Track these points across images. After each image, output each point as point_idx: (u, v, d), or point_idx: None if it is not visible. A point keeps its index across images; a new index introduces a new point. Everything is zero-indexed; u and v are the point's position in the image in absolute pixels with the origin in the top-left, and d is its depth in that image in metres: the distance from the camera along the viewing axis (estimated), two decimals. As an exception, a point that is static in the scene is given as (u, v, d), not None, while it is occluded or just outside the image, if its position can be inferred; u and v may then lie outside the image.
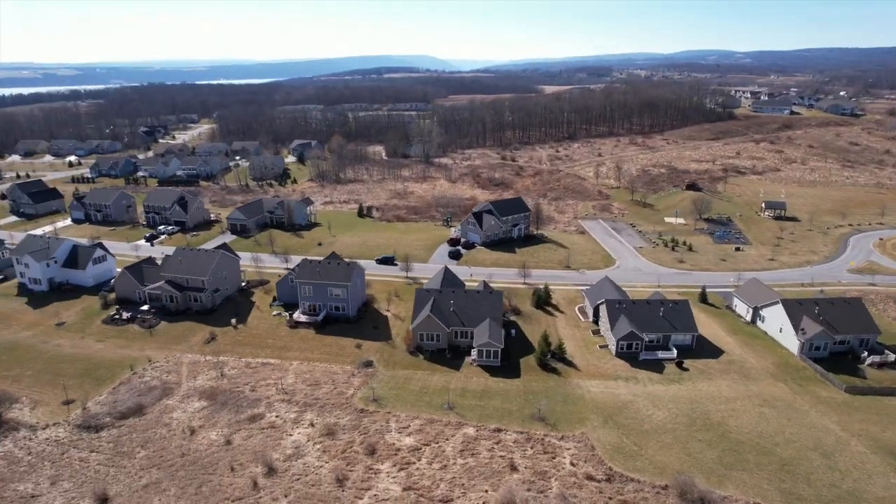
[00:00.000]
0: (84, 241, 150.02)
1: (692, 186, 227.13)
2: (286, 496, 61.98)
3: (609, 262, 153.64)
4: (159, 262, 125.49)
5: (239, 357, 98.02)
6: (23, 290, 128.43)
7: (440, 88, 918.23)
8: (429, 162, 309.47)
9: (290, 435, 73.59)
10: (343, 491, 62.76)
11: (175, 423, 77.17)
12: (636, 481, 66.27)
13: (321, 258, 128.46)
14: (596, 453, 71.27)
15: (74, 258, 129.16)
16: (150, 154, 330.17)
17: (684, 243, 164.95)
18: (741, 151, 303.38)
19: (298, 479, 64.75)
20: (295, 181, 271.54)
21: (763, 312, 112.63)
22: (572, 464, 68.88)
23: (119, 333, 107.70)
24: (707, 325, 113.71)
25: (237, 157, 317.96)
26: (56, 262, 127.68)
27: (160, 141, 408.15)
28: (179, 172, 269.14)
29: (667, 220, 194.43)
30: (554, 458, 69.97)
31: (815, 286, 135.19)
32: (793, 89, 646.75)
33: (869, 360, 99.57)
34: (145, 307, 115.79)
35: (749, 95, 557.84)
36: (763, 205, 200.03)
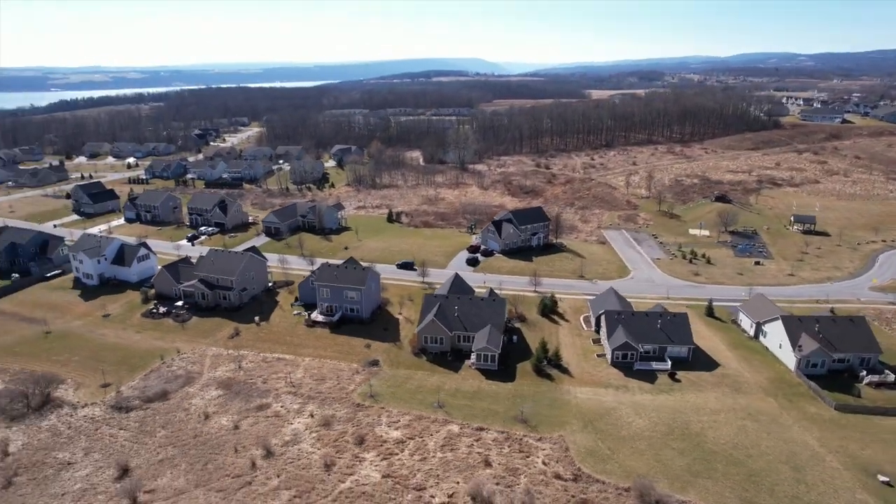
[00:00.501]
0: (132, 240, 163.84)
1: (721, 198, 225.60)
2: (278, 476, 69.85)
3: (624, 272, 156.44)
4: (195, 261, 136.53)
5: (258, 352, 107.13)
6: (77, 283, 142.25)
7: (486, 93, 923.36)
8: (464, 168, 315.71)
9: (291, 423, 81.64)
10: (329, 475, 70.13)
11: (193, 408, 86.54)
12: (601, 483, 70.91)
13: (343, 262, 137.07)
14: (569, 455, 76.19)
15: (121, 256, 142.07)
16: (200, 157, 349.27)
17: (703, 256, 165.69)
18: (781, 162, 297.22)
19: (291, 463, 72.55)
20: (333, 185, 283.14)
21: (765, 328, 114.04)
22: (544, 463, 74.08)
23: (155, 326, 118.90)
24: (708, 339, 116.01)
25: (280, 161, 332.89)
26: (105, 259, 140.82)
27: (211, 144, 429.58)
28: (225, 175, 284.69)
29: (691, 231, 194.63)
30: (528, 457, 75.34)
31: (829, 303, 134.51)
32: (855, 94, 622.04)
33: (867, 379, 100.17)
34: (179, 303, 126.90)
35: (801, 102, 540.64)
36: (792, 218, 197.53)
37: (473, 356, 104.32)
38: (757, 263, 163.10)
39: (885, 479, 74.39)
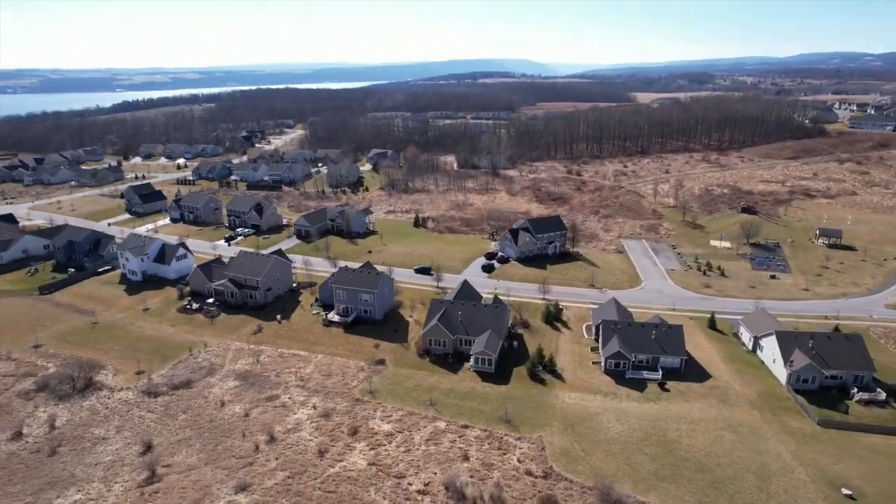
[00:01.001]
0: (173, 240, 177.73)
1: (748, 209, 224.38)
2: (277, 459, 78.75)
3: (635, 282, 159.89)
4: (226, 262, 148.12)
5: (276, 347, 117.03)
6: (123, 279, 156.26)
7: (528, 95, 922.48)
8: (495, 173, 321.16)
9: (295, 414, 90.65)
10: (321, 460, 78.54)
11: (211, 396, 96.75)
12: (569, 481, 76.79)
13: (374, 264, 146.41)
14: (543, 454, 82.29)
15: (162, 255, 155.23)
16: (245, 158, 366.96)
17: (718, 268, 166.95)
18: (819, 172, 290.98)
19: (290, 448, 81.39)
20: (367, 189, 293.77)
21: (762, 342, 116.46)
22: (518, 460, 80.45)
23: (188, 321, 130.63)
24: (705, 351, 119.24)
25: (319, 164, 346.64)
26: (148, 257, 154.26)
27: (256, 145, 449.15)
28: (266, 178, 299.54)
29: (712, 242, 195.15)
30: (505, 454, 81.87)
31: (839, 319, 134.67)
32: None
33: (857, 397, 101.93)
34: (211, 300, 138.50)
35: (854, 108, 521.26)
36: (817, 231, 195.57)
37: (472, 359, 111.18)
38: (772, 277, 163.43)
39: (849, 492, 77.46)
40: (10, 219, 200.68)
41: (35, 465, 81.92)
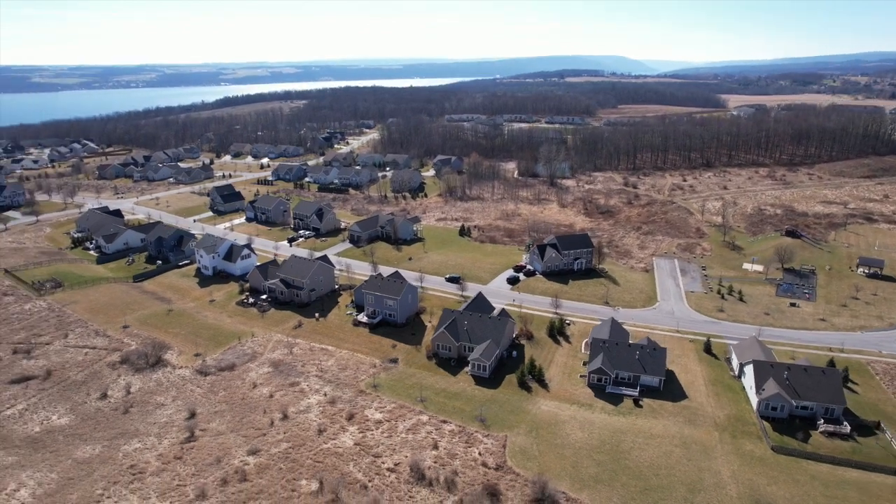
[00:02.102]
0: (244, 238, 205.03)
1: (791, 232, 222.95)
2: (285, 433, 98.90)
3: (650, 302, 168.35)
4: (280, 263, 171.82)
5: (309, 341, 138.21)
6: (198, 273, 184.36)
7: (610, 97, 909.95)
8: (553, 183, 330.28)
9: (308, 398, 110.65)
10: (318, 437, 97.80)
11: (248, 379, 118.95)
12: (516, 475, 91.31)
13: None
14: (503, 451, 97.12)
15: (230, 254, 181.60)
16: (321, 160, 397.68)
17: (739, 292, 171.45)
18: (891, 194, 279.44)
19: (297, 425, 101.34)
20: (426, 195, 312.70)
21: (745, 369, 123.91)
22: (479, 454, 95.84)
23: (243, 313, 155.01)
24: (692, 373, 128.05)
25: (387, 168, 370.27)
26: (218, 255, 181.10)
27: (335, 146, 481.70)
28: (336, 181, 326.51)
29: (744, 266, 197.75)
30: (470, 447, 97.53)
31: (844, 352, 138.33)
32: None
33: (822, 428, 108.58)
34: (264, 296, 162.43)
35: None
36: (857, 260, 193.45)
37: (470, 364, 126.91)
38: (792, 305, 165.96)
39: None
40: (117, 213, 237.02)
41: (113, 419, 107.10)
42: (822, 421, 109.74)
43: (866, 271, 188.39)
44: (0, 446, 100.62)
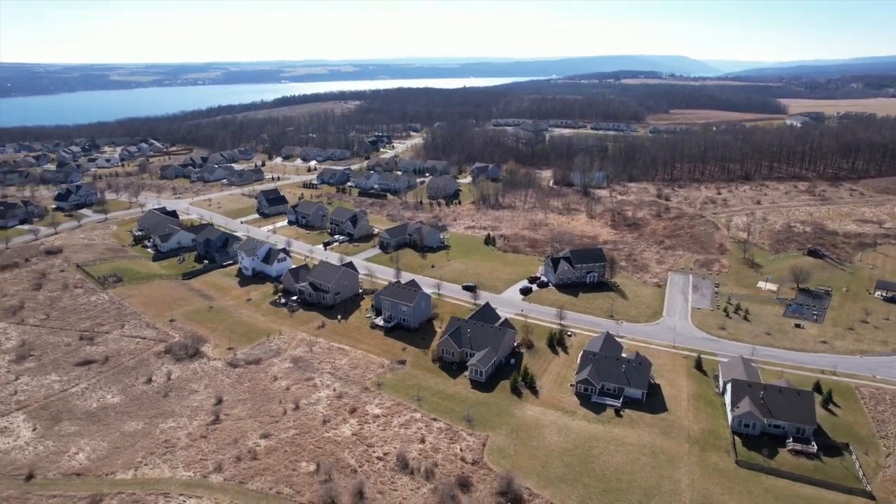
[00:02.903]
0: (283, 240, 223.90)
1: (813, 252, 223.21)
2: (294, 422, 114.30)
3: (654, 317, 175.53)
4: (311, 268, 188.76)
5: (328, 341, 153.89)
6: (239, 273, 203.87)
7: (662, 102, 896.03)
8: (586, 193, 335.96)
9: (319, 392, 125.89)
10: (322, 427, 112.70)
11: (270, 372, 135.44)
12: (489, 469, 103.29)
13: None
14: (483, 448, 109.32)
15: (268, 257, 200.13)
16: (365, 164, 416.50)
17: (745, 311, 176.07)
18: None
19: (306, 416, 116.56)
20: (460, 202, 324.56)
21: (727, 387, 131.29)
22: (460, 449, 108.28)
23: (274, 312, 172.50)
24: (678, 388, 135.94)
25: (426, 174, 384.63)
26: (257, 258, 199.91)
27: (380, 149, 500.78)
28: (376, 186, 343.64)
29: (758, 284, 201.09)
30: (453, 443, 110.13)
31: (836, 375, 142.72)
32: None
33: (790, 446, 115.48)
34: (294, 298, 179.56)
35: None
36: (875, 283, 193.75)
37: (468, 369, 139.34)
38: (797, 326, 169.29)
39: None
40: (173, 214, 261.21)
41: (154, 401, 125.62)
42: (792, 439, 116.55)
43: (884, 294, 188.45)
44: (66, 417, 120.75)
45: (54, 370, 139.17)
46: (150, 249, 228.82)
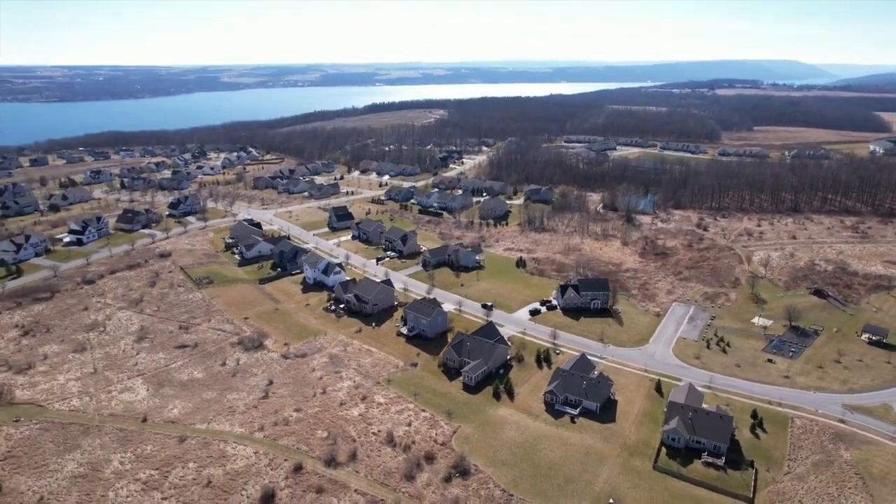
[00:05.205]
0: (343, 253, 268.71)
1: (818, 292, 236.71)
2: (319, 403, 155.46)
3: (640, 343, 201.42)
4: (357, 282, 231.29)
5: (361, 343, 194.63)
6: (303, 281, 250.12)
7: (747, 118, 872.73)
8: (629, 219, 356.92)
9: (342, 382, 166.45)
10: (339, 407, 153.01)
11: (310, 365, 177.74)
12: (451, 449, 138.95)
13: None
14: (452, 435, 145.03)
15: (326, 269, 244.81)
16: (430, 181, 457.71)
17: (726, 343, 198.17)
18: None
19: (328, 398, 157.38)
20: (507, 224, 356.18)
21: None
22: (436, 433, 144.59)
23: (324, 317, 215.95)
24: (633, 405, 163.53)
25: (484, 194, 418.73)
26: (318, 269, 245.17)
27: (450, 165, 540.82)
28: (435, 204, 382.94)
29: (753, 319, 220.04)
30: (432, 429, 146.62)
31: (783, 406, 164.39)
32: None
33: (704, 459, 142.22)
34: (342, 306, 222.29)
35: None
36: (863, 326, 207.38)
37: (462, 375, 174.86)
38: (769, 361, 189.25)
39: (612, 500, 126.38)
40: (258, 225, 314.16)
41: (225, 379, 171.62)
42: (707, 453, 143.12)
43: (870, 338, 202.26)
44: (167, 384, 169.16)
45: (161, 350, 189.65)
46: (236, 256, 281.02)
